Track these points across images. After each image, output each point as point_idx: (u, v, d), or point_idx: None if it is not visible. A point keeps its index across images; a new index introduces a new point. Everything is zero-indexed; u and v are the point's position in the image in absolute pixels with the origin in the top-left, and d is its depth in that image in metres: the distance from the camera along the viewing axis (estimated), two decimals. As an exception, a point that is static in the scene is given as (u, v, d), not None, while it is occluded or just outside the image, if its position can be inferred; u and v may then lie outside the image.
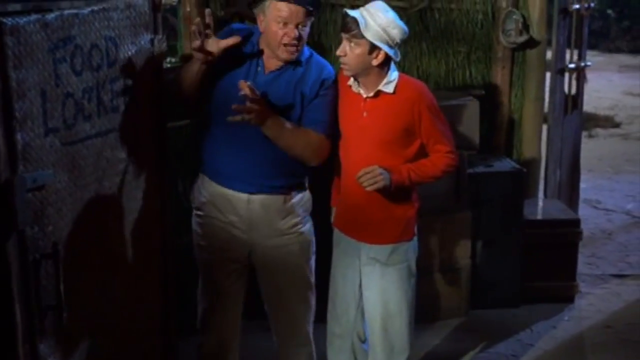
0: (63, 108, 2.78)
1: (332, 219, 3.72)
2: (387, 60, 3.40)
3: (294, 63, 3.42)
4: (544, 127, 5.61)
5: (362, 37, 3.32)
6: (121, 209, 3.15)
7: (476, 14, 5.22)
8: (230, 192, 3.47)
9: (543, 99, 5.53)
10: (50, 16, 2.70)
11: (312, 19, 3.39)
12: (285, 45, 3.33)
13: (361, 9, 3.39)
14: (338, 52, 3.42)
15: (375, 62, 3.36)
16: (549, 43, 5.57)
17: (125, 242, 3.19)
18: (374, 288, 3.55)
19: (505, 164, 5.12)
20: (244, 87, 3.23)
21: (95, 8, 2.92)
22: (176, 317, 3.51)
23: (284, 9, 3.30)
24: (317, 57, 3.53)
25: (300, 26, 3.33)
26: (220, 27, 3.47)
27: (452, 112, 4.72)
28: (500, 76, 5.31)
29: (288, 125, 3.37)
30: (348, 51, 3.38)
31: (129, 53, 3.13)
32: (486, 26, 5.26)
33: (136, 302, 3.30)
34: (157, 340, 3.45)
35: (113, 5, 3.04)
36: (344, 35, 3.39)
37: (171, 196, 3.57)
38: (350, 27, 3.34)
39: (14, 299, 2.58)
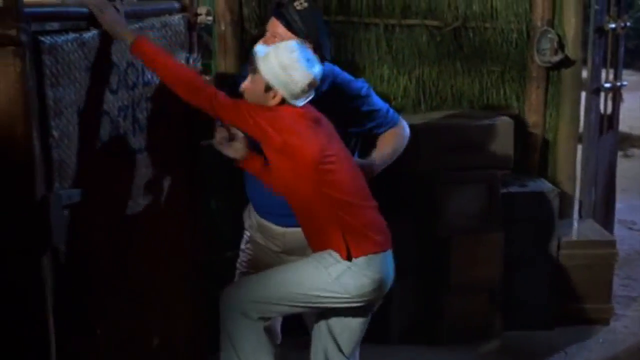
0: (99, 126, 2.81)
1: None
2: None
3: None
4: (579, 147, 5.56)
5: (259, 72, 3.05)
6: (155, 226, 3.17)
7: (511, 33, 5.19)
8: (268, 224, 3.45)
9: (578, 119, 5.48)
10: (87, 35, 2.73)
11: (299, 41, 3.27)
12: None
13: (274, 44, 3.15)
14: (240, 88, 3.12)
15: (272, 103, 3.04)
16: (584, 62, 5.52)
17: (158, 260, 3.21)
18: None
19: (539, 184, 5.08)
20: None
21: (132, 27, 2.95)
22: (207, 334, 3.51)
23: (270, 21, 3.34)
24: (338, 83, 3.43)
25: (277, 40, 3.27)
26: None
27: (486, 131, 4.71)
28: (534, 95, 5.27)
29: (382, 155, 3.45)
30: (248, 85, 3.09)
31: (165, 71, 3.15)
32: (521, 45, 5.23)
33: (167, 318, 3.31)
34: (188, 357, 3.45)
35: (149, 24, 3.07)
36: (249, 68, 3.16)
37: (204, 214, 3.58)
38: (252, 60, 3.08)
39: (48, 315, 2.60)
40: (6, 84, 2.44)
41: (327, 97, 3.37)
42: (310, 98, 3.10)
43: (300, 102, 3.06)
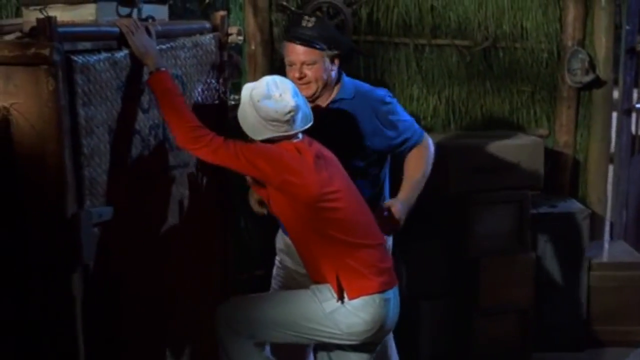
0: (130, 144, 2.83)
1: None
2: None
3: (337, 101, 3.40)
4: (610, 168, 5.52)
5: None
6: (184, 244, 3.18)
7: (541, 53, 5.17)
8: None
9: (609, 140, 5.44)
10: (119, 54, 2.76)
11: (326, 54, 3.32)
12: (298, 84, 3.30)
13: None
14: None
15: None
16: (616, 83, 5.49)
17: (187, 278, 3.21)
18: None
19: (569, 205, 5.04)
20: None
21: (163, 47, 2.98)
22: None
23: (288, 48, 3.34)
24: (360, 87, 3.47)
25: (305, 65, 3.30)
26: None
27: (516, 152, 4.68)
28: (565, 116, 5.24)
29: (409, 190, 3.41)
30: None
31: (195, 91, 3.18)
32: (551, 65, 5.21)
33: (196, 337, 3.31)
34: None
35: (180, 44, 3.09)
36: None
37: (234, 233, 3.58)
38: None
39: (78, 331, 2.61)
40: (39, 102, 2.47)
41: (353, 106, 3.38)
42: (292, 132, 3.02)
43: (263, 138, 2.99)
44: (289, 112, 2.98)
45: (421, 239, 4.55)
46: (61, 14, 2.77)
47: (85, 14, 2.88)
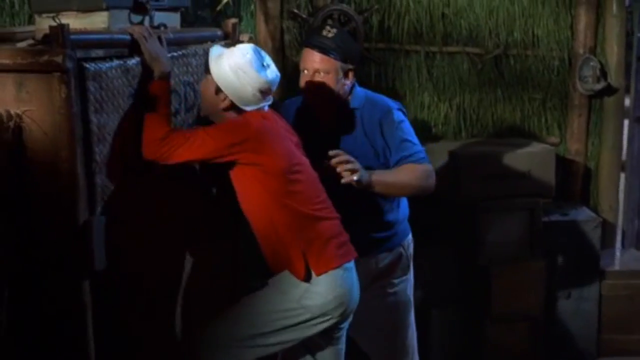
0: (141, 151, 2.83)
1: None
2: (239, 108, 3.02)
3: (347, 110, 3.38)
4: (622, 176, 5.50)
5: (209, 72, 3.01)
6: (196, 250, 3.18)
7: (552, 61, 5.17)
8: None
9: (621, 147, 5.43)
10: (131, 61, 2.77)
11: (341, 66, 3.30)
12: (304, 89, 3.32)
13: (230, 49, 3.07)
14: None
15: (222, 106, 3.00)
16: (627, 90, 5.47)
17: (199, 284, 3.22)
18: None
19: (581, 213, 5.03)
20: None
21: (175, 54, 2.99)
22: None
23: (305, 54, 3.32)
24: (370, 96, 3.45)
25: (317, 73, 3.28)
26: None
27: (527, 159, 4.68)
28: (576, 123, 5.23)
29: (385, 171, 3.30)
30: (202, 86, 3.10)
31: (207, 98, 3.17)
32: (562, 73, 5.19)
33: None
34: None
35: (192, 52, 3.10)
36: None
37: (243, 237, 3.58)
38: (206, 60, 3.05)
39: (89, 339, 2.62)
40: (52, 109, 2.48)
41: (361, 115, 3.37)
42: (266, 104, 3.05)
43: (250, 108, 2.99)
44: (277, 82, 3.03)
45: (432, 246, 4.54)
46: (73, 22, 2.78)
47: (98, 21, 2.90)
